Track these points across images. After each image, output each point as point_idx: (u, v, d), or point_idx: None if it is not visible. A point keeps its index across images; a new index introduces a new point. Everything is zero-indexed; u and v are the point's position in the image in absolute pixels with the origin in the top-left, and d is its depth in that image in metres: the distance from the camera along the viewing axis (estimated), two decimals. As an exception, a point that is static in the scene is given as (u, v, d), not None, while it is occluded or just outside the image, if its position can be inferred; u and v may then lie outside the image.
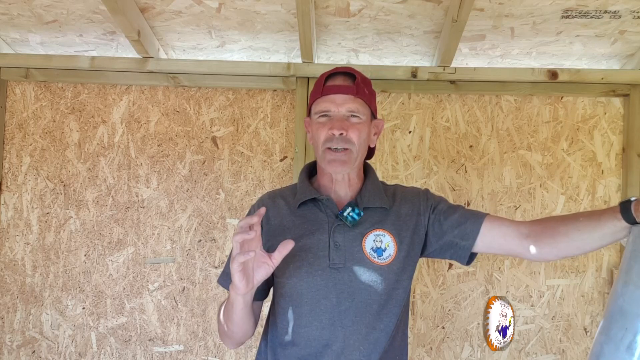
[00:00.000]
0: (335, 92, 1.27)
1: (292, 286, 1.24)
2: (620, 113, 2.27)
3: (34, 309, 2.31)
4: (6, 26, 2.15)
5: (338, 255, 1.23)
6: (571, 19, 1.94)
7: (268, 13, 1.99)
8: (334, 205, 1.28)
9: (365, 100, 1.29)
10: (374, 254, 1.24)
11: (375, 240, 1.26)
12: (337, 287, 1.22)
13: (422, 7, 1.93)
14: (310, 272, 1.23)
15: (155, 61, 2.24)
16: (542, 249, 1.20)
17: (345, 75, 1.30)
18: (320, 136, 1.27)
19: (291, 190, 1.37)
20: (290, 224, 1.29)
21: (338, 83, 1.28)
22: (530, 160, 2.27)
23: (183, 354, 2.28)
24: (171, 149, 2.32)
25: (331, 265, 1.22)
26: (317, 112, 1.29)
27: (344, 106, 1.26)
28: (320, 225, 1.27)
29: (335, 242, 1.24)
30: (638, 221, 1.04)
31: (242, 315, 1.20)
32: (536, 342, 2.23)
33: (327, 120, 1.27)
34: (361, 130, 1.27)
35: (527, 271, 2.25)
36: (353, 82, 1.29)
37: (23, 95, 2.35)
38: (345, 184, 1.31)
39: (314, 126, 1.30)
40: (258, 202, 1.38)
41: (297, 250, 1.23)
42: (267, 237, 1.28)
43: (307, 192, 1.30)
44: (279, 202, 1.33)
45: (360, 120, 1.28)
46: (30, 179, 2.33)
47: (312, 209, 1.30)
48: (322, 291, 1.22)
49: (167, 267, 2.30)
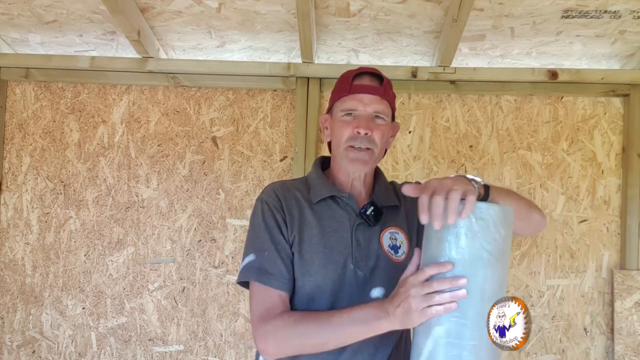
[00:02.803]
0: (364, 91, 1.27)
1: (317, 284, 1.22)
2: (620, 113, 2.27)
3: (34, 309, 2.31)
4: (6, 26, 2.15)
5: (360, 253, 1.24)
6: (571, 19, 1.94)
7: (268, 13, 1.99)
8: (354, 203, 1.28)
9: (390, 102, 1.31)
10: (391, 251, 1.26)
11: (391, 237, 1.28)
12: (360, 285, 1.22)
13: (422, 7, 1.93)
14: (335, 270, 1.22)
15: (155, 61, 2.24)
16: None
17: (372, 76, 1.31)
18: (343, 134, 1.26)
19: (302, 184, 1.34)
20: (310, 218, 1.26)
21: (366, 83, 1.29)
22: (530, 160, 2.27)
23: (183, 354, 2.28)
24: (171, 149, 2.32)
25: (355, 263, 1.23)
26: (343, 110, 1.28)
27: (371, 106, 1.26)
28: (342, 223, 1.26)
29: (357, 240, 1.25)
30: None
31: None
32: (536, 342, 2.23)
33: (352, 119, 1.27)
34: (384, 132, 1.28)
35: (527, 271, 2.25)
36: (380, 83, 1.30)
37: (23, 95, 2.35)
38: (360, 181, 1.32)
39: (337, 124, 1.29)
40: (270, 193, 1.28)
41: (320, 247, 1.23)
42: (291, 229, 1.25)
43: (326, 189, 1.30)
44: (295, 194, 1.30)
45: (385, 121, 1.29)
46: (30, 179, 2.33)
47: (332, 205, 1.29)
48: (346, 289, 1.22)
49: (167, 267, 2.30)
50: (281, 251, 1.23)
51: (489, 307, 0.97)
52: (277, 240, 1.23)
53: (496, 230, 0.98)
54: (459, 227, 0.97)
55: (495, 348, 0.98)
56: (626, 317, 2.18)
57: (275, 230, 1.24)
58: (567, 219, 2.25)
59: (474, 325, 0.97)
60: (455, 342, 0.97)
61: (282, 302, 1.20)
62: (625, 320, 2.18)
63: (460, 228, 0.97)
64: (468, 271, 0.97)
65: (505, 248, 1.00)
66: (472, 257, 0.97)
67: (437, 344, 0.98)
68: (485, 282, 0.97)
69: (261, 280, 1.20)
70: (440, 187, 0.97)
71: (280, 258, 1.22)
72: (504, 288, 1.01)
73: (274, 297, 1.20)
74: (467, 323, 0.97)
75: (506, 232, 1.00)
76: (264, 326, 1.17)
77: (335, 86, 1.34)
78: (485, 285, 0.98)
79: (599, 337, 2.23)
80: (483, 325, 0.97)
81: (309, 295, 1.22)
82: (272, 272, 1.20)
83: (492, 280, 0.98)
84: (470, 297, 0.96)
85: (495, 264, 0.98)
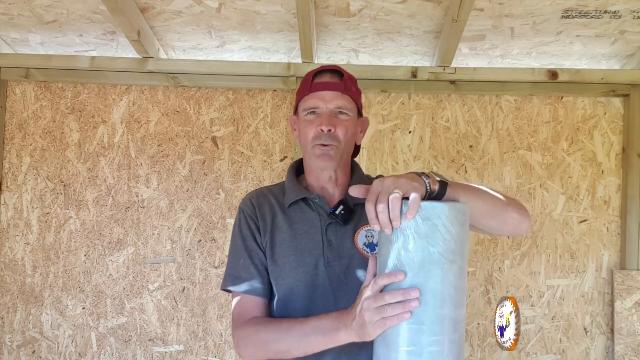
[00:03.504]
0: (323, 88, 1.27)
1: (289, 287, 1.23)
2: (620, 113, 2.27)
3: (34, 309, 2.31)
4: (6, 26, 2.15)
5: (332, 253, 1.23)
6: (571, 19, 1.94)
7: (268, 13, 1.99)
8: (325, 204, 1.28)
9: (353, 97, 1.30)
10: (367, 250, 1.24)
11: (367, 235, 1.26)
12: (334, 286, 1.22)
13: (422, 7, 1.92)
14: (307, 271, 1.22)
15: (155, 61, 2.24)
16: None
17: (332, 73, 1.30)
18: (309, 133, 1.26)
19: (279, 189, 1.36)
20: (282, 223, 1.28)
21: (326, 80, 1.28)
22: (530, 160, 2.27)
23: (183, 354, 2.28)
24: (171, 149, 2.32)
25: (327, 264, 1.23)
26: (306, 109, 1.28)
27: (332, 102, 1.26)
28: (313, 224, 1.27)
29: (329, 240, 1.25)
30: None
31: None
32: (536, 342, 2.23)
33: (315, 117, 1.27)
34: (348, 127, 1.27)
35: (527, 271, 2.25)
36: (340, 79, 1.29)
37: (23, 95, 2.35)
38: (332, 182, 1.31)
39: (302, 124, 1.29)
40: (246, 202, 1.34)
41: (291, 250, 1.24)
42: (264, 235, 1.28)
43: (297, 192, 1.30)
44: (269, 200, 1.32)
45: (348, 117, 1.28)
46: (30, 179, 2.33)
47: (303, 208, 1.29)
48: (319, 290, 1.22)
49: (167, 267, 2.30)
50: (254, 258, 1.26)
51: (445, 309, 0.94)
52: (251, 248, 1.27)
53: (446, 230, 0.93)
54: (405, 230, 0.92)
55: (458, 351, 0.96)
56: (626, 317, 2.18)
57: (249, 238, 1.27)
58: (567, 219, 2.25)
59: (430, 330, 0.93)
60: (414, 349, 0.93)
61: (256, 308, 1.24)
62: (625, 320, 2.18)
63: (406, 230, 0.92)
64: (419, 274, 0.93)
65: (458, 248, 0.95)
66: (421, 259, 0.92)
67: (396, 352, 0.94)
68: (437, 284, 0.93)
69: (236, 287, 1.26)
70: (382, 192, 0.94)
71: (253, 265, 1.25)
72: (461, 289, 0.96)
73: (249, 302, 1.24)
74: (424, 328, 0.93)
75: (458, 231, 0.94)
76: (238, 331, 1.21)
77: (299, 87, 1.34)
78: (439, 288, 0.93)
79: (599, 337, 2.23)
80: (441, 329, 0.94)
81: (284, 298, 1.24)
82: (246, 279, 1.24)
83: (446, 282, 0.94)
84: (423, 302, 0.92)
85: (448, 265, 0.93)
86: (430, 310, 0.93)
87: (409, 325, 0.93)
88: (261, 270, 1.25)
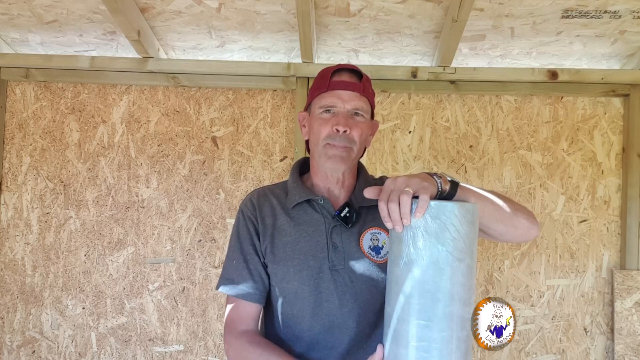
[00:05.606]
0: (343, 87, 1.24)
1: (294, 290, 1.21)
2: (620, 113, 2.27)
3: (34, 309, 2.31)
4: (6, 26, 2.15)
5: (337, 256, 1.21)
6: (571, 19, 1.94)
7: (268, 13, 1.99)
8: (330, 206, 1.26)
9: (369, 99, 1.28)
10: (372, 253, 1.23)
11: (372, 238, 1.24)
12: (339, 289, 1.20)
13: (422, 7, 1.93)
14: (311, 275, 1.20)
15: (155, 61, 2.24)
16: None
17: (351, 72, 1.28)
18: (322, 131, 1.23)
19: (282, 189, 1.33)
20: (285, 225, 1.26)
21: (345, 79, 1.25)
22: (530, 160, 2.27)
23: (183, 354, 2.28)
24: (171, 149, 2.32)
25: (331, 267, 1.21)
26: (322, 107, 1.25)
27: (350, 103, 1.23)
28: (317, 227, 1.24)
29: (334, 243, 1.22)
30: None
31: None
32: (536, 342, 2.23)
33: (330, 116, 1.24)
34: (363, 129, 1.25)
35: (527, 271, 2.25)
36: (359, 79, 1.26)
37: (23, 95, 2.35)
38: (339, 183, 1.29)
39: (316, 121, 1.26)
40: (247, 203, 1.31)
41: (295, 253, 1.22)
42: (263, 238, 1.25)
43: (302, 193, 1.27)
44: (271, 201, 1.30)
45: (364, 119, 1.26)
46: (30, 179, 2.33)
47: (307, 209, 1.27)
48: (324, 294, 1.20)
49: (167, 267, 2.30)
50: (249, 261, 1.24)
51: (454, 307, 0.95)
52: (247, 251, 1.25)
53: (455, 229, 0.95)
54: (415, 228, 0.95)
55: (465, 349, 0.97)
56: (626, 317, 2.18)
57: (246, 241, 1.25)
58: (567, 219, 2.25)
59: (439, 326, 0.95)
60: (423, 345, 0.95)
61: (249, 316, 1.23)
62: (625, 320, 2.18)
63: (416, 229, 0.95)
64: (428, 271, 0.95)
65: (467, 247, 0.97)
66: (430, 257, 0.95)
67: (405, 348, 0.96)
68: (446, 282, 0.95)
69: (228, 289, 1.25)
70: (393, 191, 0.96)
71: (247, 269, 1.23)
72: (469, 288, 0.98)
73: (240, 306, 1.23)
74: (432, 324, 0.95)
75: (467, 231, 0.96)
76: (231, 339, 1.21)
77: (313, 83, 1.31)
78: (447, 285, 0.95)
79: (599, 337, 2.23)
80: (449, 326, 0.95)
81: (289, 302, 1.22)
82: (238, 282, 1.22)
83: (454, 280, 0.96)
84: (432, 299, 0.94)
85: (456, 264, 0.95)
86: (439, 307, 0.95)
87: (417, 321, 0.95)
88: (255, 274, 1.23)
